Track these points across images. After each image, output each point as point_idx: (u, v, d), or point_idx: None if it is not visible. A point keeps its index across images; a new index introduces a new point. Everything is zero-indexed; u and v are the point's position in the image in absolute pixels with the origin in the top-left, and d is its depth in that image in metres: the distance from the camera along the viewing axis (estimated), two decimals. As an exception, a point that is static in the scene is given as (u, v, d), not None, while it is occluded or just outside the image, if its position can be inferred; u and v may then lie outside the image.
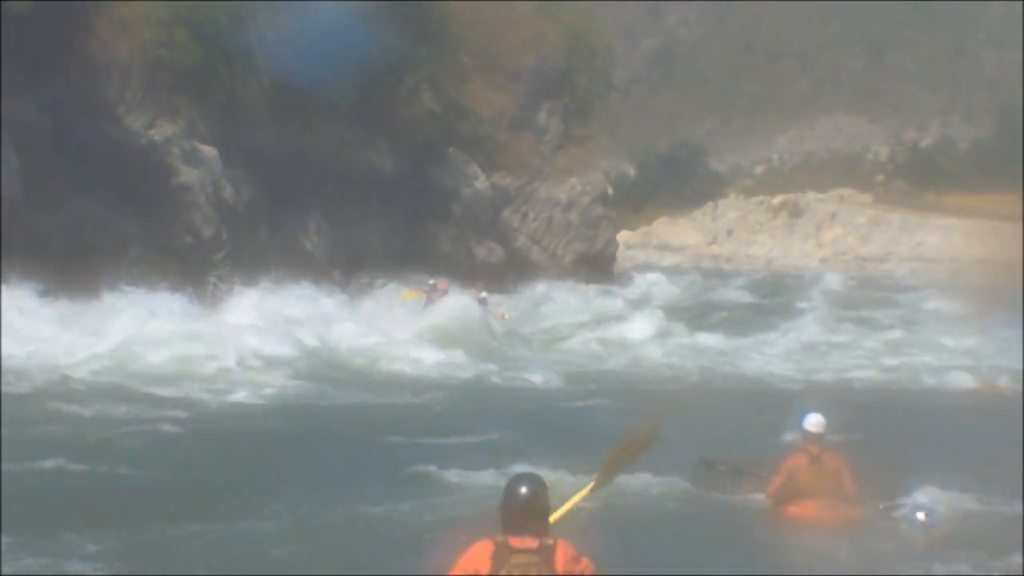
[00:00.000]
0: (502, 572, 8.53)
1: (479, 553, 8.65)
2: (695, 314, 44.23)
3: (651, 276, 60.89)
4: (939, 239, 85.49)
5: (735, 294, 56.69)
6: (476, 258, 50.83)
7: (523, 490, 8.78)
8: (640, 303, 46.98)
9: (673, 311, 43.67)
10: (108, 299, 31.22)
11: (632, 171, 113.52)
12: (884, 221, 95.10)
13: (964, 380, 29.76)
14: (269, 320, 31.49)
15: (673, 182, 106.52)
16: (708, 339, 36.54)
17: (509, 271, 51.14)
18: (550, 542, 8.64)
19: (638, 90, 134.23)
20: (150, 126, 38.47)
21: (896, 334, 39.34)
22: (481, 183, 51.39)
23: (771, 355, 34.56)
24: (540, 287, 48.84)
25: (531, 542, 8.62)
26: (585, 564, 8.68)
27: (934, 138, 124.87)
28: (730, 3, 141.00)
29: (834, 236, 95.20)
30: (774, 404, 25.01)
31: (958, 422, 24.07)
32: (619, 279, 57.38)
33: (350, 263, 44.11)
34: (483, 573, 8.56)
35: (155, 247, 36.96)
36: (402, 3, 46.93)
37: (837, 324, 41.17)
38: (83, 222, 35.48)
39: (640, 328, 37.17)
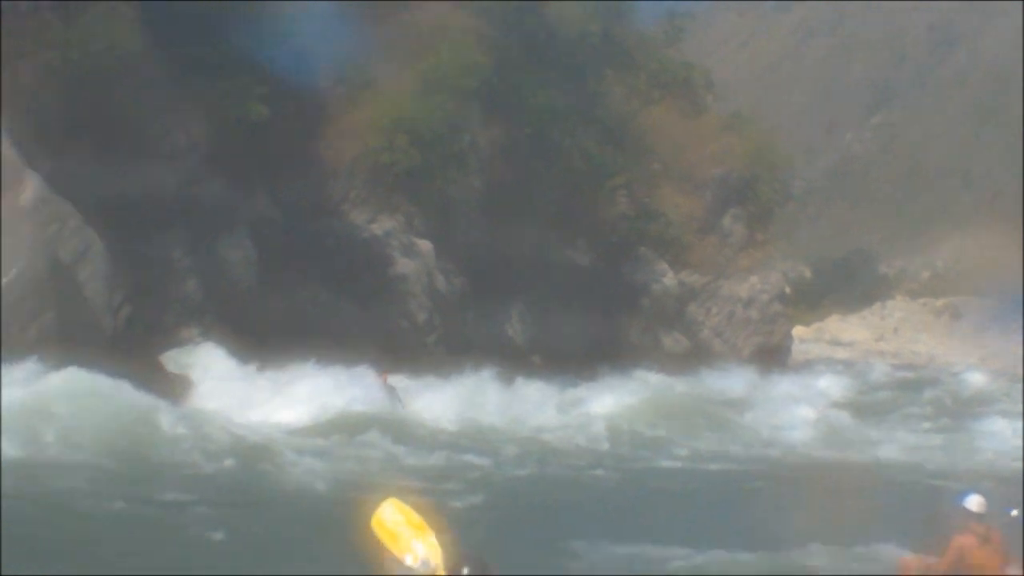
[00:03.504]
0: None
1: None
2: (859, 406, 42.45)
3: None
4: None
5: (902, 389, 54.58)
6: (664, 347, 49.67)
7: (465, 571, 7.56)
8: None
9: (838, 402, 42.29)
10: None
11: (808, 273, 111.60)
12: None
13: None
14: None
15: (845, 284, 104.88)
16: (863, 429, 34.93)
17: (693, 360, 49.91)
18: None
19: (815, 200, 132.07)
20: (372, 221, 38.16)
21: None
22: (669, 279, 50.30)
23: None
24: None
25: None
26: None
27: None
28: (899, 124, 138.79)
29: (993, 336, 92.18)
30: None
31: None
32: (793, 370, 55.56)
33: (549, 349, 43.19)
34: None
35: (373, 330, 36.42)
36: (603, 117, 46.62)
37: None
38: (311, 305, 35.13)
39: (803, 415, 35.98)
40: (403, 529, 8.02)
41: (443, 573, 7.71)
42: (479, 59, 40.55)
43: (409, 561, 7.87)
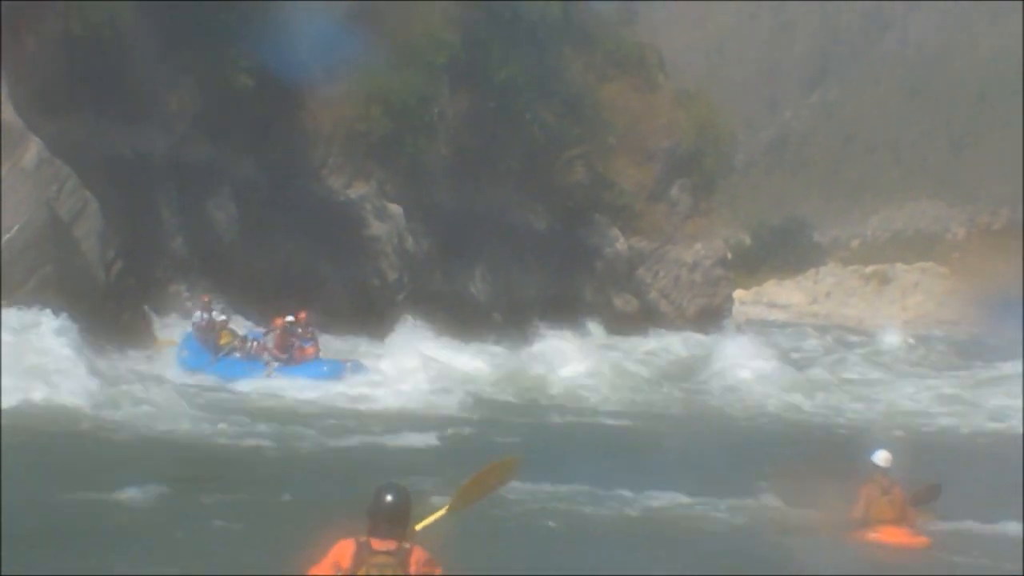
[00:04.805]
0: (360, 571, 7.93)
1: (342, 550, 8.01)
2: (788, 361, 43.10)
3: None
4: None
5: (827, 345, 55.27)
6: (615, 307, 50.16)
7: (388, 498, 8.12)
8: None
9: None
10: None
11: (748, 240, 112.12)
12: (959, 291, 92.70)
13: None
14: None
15: (782, 250, 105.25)
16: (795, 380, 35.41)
17: (640, 319, 50.42)
18: (407, 546, 8.03)
19: (755, 172, 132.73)
20: (347, 186, 38.42)
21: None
22: (621, 244, 50.78)
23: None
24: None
25: (390, 545, 8.01)
26: (438, 570, 8.05)
27: (1004, 222, 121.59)
28: (835, 102, 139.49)
29: (916, 302, 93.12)
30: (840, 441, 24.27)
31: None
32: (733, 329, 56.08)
33: (509, 307, 43.65)
34: (344, 568, 7.94)
35: (348, 286, 36.78)
36: (562, 92, 46.97)
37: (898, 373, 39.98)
38: (290, 263, 35.40)
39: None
40: None
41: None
42: (448, 36, 40.84)
43: None
